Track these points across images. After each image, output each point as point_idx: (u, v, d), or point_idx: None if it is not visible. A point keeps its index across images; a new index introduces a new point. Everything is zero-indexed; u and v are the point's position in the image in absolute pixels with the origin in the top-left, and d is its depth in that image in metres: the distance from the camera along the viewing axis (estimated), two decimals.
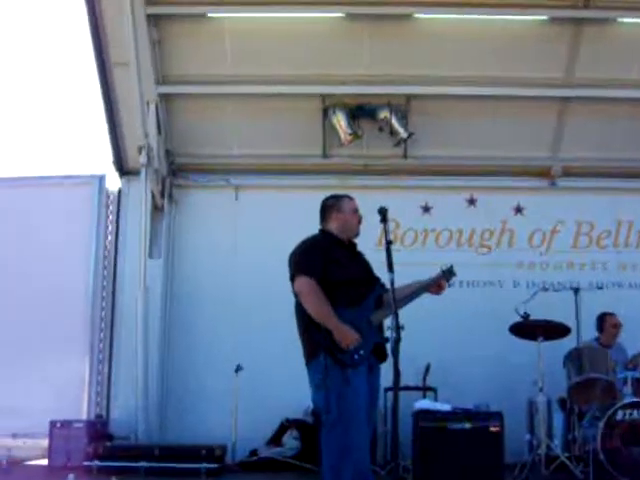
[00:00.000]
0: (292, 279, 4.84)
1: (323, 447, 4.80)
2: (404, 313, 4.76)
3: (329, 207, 5.14)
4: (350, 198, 5.17)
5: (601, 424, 6.74)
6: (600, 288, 8.71)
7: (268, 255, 8.35)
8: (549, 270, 9.17)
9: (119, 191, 9.46)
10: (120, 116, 8.91)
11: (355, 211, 5.09)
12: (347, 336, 4.64)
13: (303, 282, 4.76)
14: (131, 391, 8.54)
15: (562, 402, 7.67)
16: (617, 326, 8.15)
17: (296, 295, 4.80)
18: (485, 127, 9.01)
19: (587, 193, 9.30)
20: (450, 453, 6.20)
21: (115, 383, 8.99)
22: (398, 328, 3.86)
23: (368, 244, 5.32)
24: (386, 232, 4.20)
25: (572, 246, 9.29)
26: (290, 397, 8.10)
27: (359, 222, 5.08)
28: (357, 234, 5.10)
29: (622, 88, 8.70)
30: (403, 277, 4.69)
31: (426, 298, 8.00)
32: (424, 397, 7.88)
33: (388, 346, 4.04)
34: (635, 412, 6.82)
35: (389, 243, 4.14)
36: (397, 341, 3.82)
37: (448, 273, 5.09)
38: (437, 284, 5.03)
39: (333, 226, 5.08)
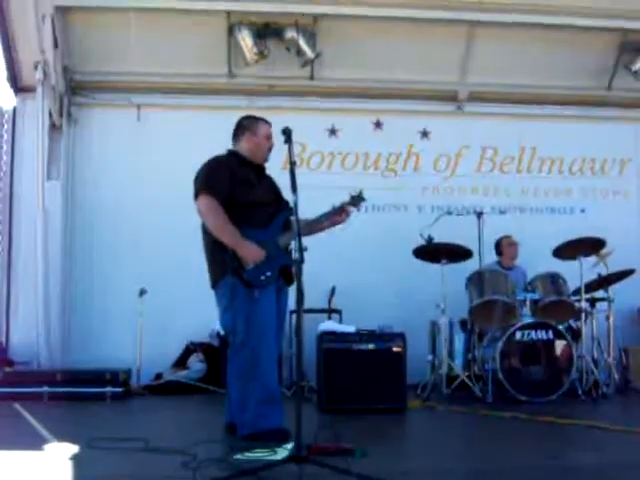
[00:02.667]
0: (196, 198, 4.77)
1: (230, 368, 4.80)
2: (309, 236, 4.75)
3: (243, 127, 5.09)
4: (266, 122, 5.11)
5: (500, 344, 6.94)
6: (503, 212, 8.85)
7: (171, 176, 8.17)
8: (453, 194, 9.28)
9: (14, 109, 9.03)
10: (14, 29, 8.41)
11: (269, 137, 5.04)
12: (251, 253, 4.62)
13: (206, 200, 4.71)
14: (32, 316, 8.32)
15: (463, 323, 7.85)
16: (512, 244, 8.35)
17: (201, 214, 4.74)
18: (393, 50, 8.89)
19: (492, 118, 9.38)
20: (354, 373, 6.25)
21: (14, 308, 8.73)
22: (301, 250, 3.81)
23: (274, 167, 5.25)
24: (290, 153, 4.11)
25: (476, 171, 9.41)
26: (195, 320, 8.06)
27: (270, 149, 5.03)
28: (266, 160, 5.05)
29: (531, 13, 8.66)
30: (309, 200, 4.65)
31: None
32: (329, 319, 7.94)
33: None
34: (533, 332, 7.03)
35: (293, 164, 4.06)
36: (300, 263, 3.77)
37: (357, 199, 5.07)
38: (343, 210, 5.01)
39: (244, 147, 5.04)
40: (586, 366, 7.20)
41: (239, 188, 4.79)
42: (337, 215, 5.07)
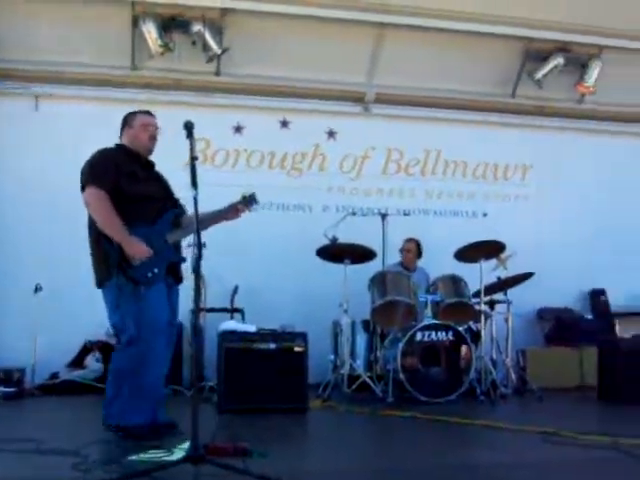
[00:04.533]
0: (83, 190, 4.68)
1: (117, 366, 4.70)
2: (212, 233, 4.64)
3: (124, 121, 5.10)
4: (145, 113, 5.06)
5: (401, 345, 6.97)
6: (407, 214, 8.92)
7: (70, 169, 7.87)
8: (358, 195, 9.32)
9: None
10: None
11: (146, 126, 4.96)
12: (136, 249, 4.53)
13: (91, 192, 4.65)
14: None
15: (366, 324, 7.86)
16: (410, 250, 8.41)
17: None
18: (301, 48, 8.86)
19: (399, 121, 9.45)
20: (255, 373, 6.18)
21: None
22: (200, 246, 3.70)
23: (176, 162, 5.17)
24: (192, 148, 4.01)
25: (382, 172, 9.46)
26: (92, 318, 7.76)
27: (151, 138, 4.96)
28: (149, 150, 4.98)
29: (439, 18, 8.74)
30: (213, 197, 4.59)
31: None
32: (231, 318, 7.84)
33: (189, 265, 3.90)
34: (433, 334, 7.08)
35: (194, 159, 3.96)
36: (198, 259, 3.66)
37: (249, 199, 4.97)
38: (235, 209, 4.93)
39: (125, 140, 5.04)
40: (485, 367, 7.29)
41: (125, 180, 4.75)
42: (227, 214, 4.97)
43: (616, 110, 10.16)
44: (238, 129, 9.11)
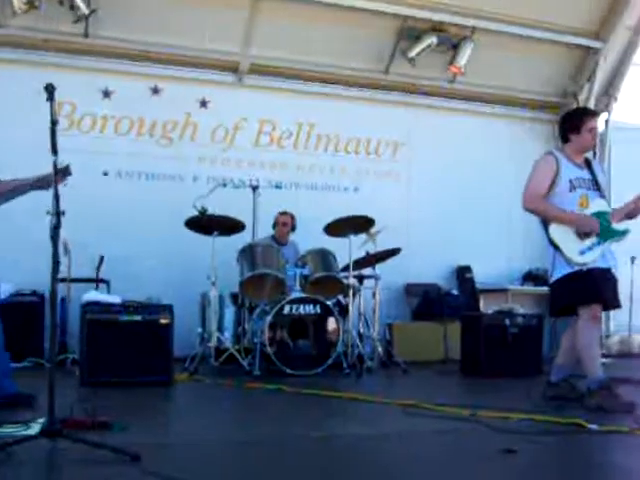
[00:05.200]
0: None
1: None
2: (72, 198, 4.42)
3: None
4: None
5: (269, 318, 6.95)
6: (278, 187, 8.89)
7: None
8: (230, 166, 9.17)
9: None
10: None
11: None
12: None
13: None
14: None
15: (234, 296, 7.80)
16: (286, 224, 8.39)
17: None
18: (175, 14, 8.63)
19: (272, 93, 9.36)
20: (119, 345, 6.03)
21: None
22: (58, 214, 3.52)
23: (39, 126, 4.89)
24: (52, 111, 3.79)
25: (254, 144, 9.35)
26: None
27: None
28: None
29: None
30: (81, 165, 4.38)
31: (99, 188, 7.70)
32: (96, 289, 7.62)
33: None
34: (301, 307, 7.10)
35: (54, 124, 3.75)
36: (56, 227, 3.49)
37: (63, 171, 4.67)
38: (46, 181, 4.62)
39: None
40: (352, 341, 7.37)
41: None
42: (38, 183, 4.70)
43: (485, 91, 10.39)
44: (106, 94, 8.75)
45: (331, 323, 7.20)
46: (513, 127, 10.59)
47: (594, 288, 5.11)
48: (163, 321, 6.23)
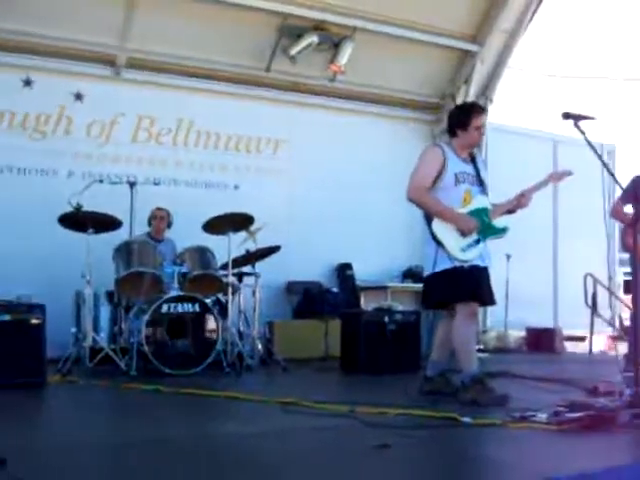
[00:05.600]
0: None
1: None
2: None
3: None
4: None
5: (146, 317, 6.81)
6: (157, 184, 8.72)
7: None
8: (106, 162, 8.92)
9: None
10: None
11: None
12: None
13: None
14: None
15: (110, 295, 7.60)
16: (163, 217, 8.24)
17: None
18: (48, 4, 8.33)
19: (151, 87, 9.19)
20: None
21: None
22: None
23: None
24: None
25: (131, 140, 9.13)
26: None
27: None
28: None
29: None
30: None
31: None
32: None
33: None
34: (180, 305, 6.98)
35: None
36: None
37: None
38: None
39: None
40: (232, 339, 7.29)
41: None
42: None
43: (366, 90, 10.51)
44: None
45: (210, 321, 7.10)
46: (393, 127, 10.75)
47: (473, 286, 5.21)
48: (34, 321, 5.98)
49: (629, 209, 6.69)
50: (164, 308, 6.91)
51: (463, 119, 5.39)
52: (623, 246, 6.89)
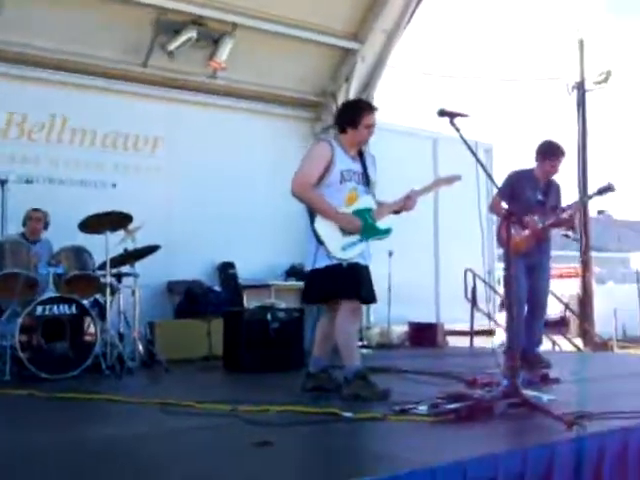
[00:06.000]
0: None
1: None
2: None
3: None
4: None
5: (20, 320, 6.56)
6: (30, 182, 8.42)
7: None
8: None
9: None
10: None
11: None
12: None
13: None
14: None
15: None
16: (39, 220, 7.90)
17: None
18: None
19: (22, 82, 8.80)
20: None
21: None
22: None
23: None
24: None
25: (2, 136, 8.73)
26: None
27: None
28: None
29: None
30: None
31: None
32: None
33: None
34: (56, 307, 6.76)
35: None
36: None
37: None
38: None
39: None
40: (111, 340, 7.10)
41: None
42: None
43: (246, 88, 10.43)
44: None
45: (88, 323, 6.90)
46: (273, 124, 10.70)
47: (355, 283, 5.24)
48: None
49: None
50: (39, 310, 6.66)
51: (353, 117, 5.39)
52: (499, 240, 7.09)
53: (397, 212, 5.55)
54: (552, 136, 7.13)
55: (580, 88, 21.62)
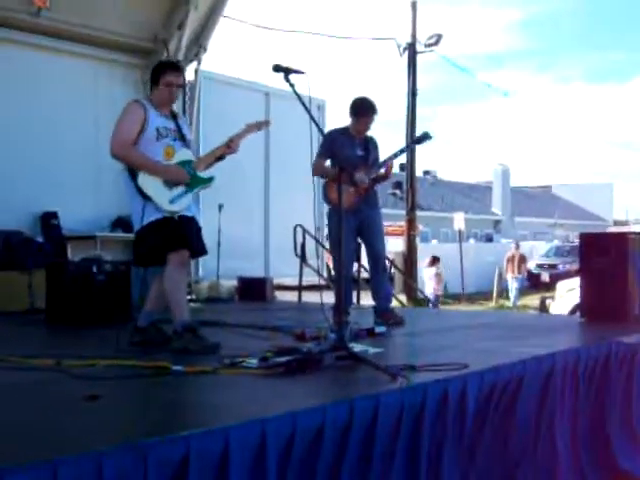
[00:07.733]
0: None
1: None
2: None
3: None
4: None
5: None
6: None
7: None
8: None
9: None
10: None
11: None
12: None
13: None
14: None
15: None
16: None
17: None
18: None
19: None
20: None
21: None
22: None
23: None
24: None
25: None
26: None
27: None
28: None
29: None
30: None
31: None
32: None
33: None
34: None
35: None
36: None
37: None
38: None
39: None
40: None
41: None
42: None
43: (73, 29, 9.88)
44: None
45: None
46: (101, 69, 10.30)
47: (182, 235, 5.22)
48: None
49: (328, 163, 7.01)
50: None
51: (156, 75, 5.36)
52: (325, 198, 7.11)
53: (221, 158, 5.54)
54: (383, 94, 7.24)
55: (411, 49, 22.24)
